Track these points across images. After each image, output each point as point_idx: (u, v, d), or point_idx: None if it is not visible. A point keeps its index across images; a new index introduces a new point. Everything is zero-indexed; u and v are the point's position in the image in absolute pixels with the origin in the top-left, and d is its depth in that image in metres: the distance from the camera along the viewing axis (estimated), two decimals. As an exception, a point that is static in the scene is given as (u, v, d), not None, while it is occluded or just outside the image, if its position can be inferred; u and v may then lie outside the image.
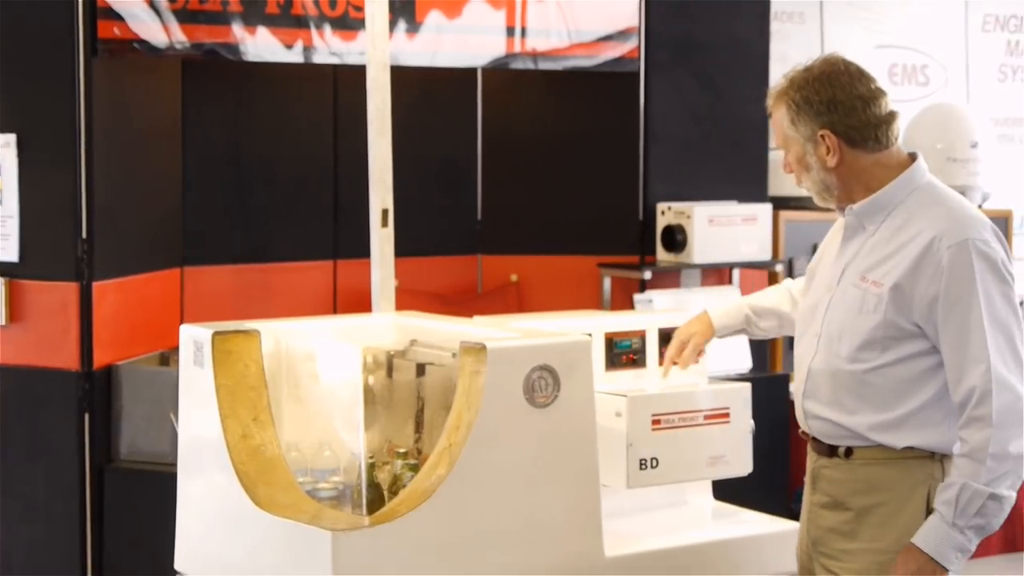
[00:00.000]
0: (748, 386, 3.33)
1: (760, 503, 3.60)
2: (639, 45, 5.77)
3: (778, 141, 3.15)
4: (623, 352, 3.48)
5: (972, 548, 2.91)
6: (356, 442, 3.09)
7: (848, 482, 3.04)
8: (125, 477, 4.92)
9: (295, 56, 5.20)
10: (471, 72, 6.01)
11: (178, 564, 3.40)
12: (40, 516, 4.93)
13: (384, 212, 3.78)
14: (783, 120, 3.07)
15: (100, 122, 4.85)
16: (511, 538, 2.99)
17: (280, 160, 5.70)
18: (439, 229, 6.04)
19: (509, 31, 5.55)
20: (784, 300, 3.45)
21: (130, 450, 4.96)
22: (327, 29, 5.21)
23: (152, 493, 4.72)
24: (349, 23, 5.22)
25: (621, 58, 5.74)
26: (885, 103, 3.05)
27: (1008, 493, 2.89)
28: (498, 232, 6.16)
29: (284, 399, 3.28)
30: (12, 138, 4.85)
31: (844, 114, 3.01)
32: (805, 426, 3.15)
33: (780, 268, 6.12)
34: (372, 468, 3.10)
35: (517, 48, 5.56)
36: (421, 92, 5.78)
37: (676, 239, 5.72)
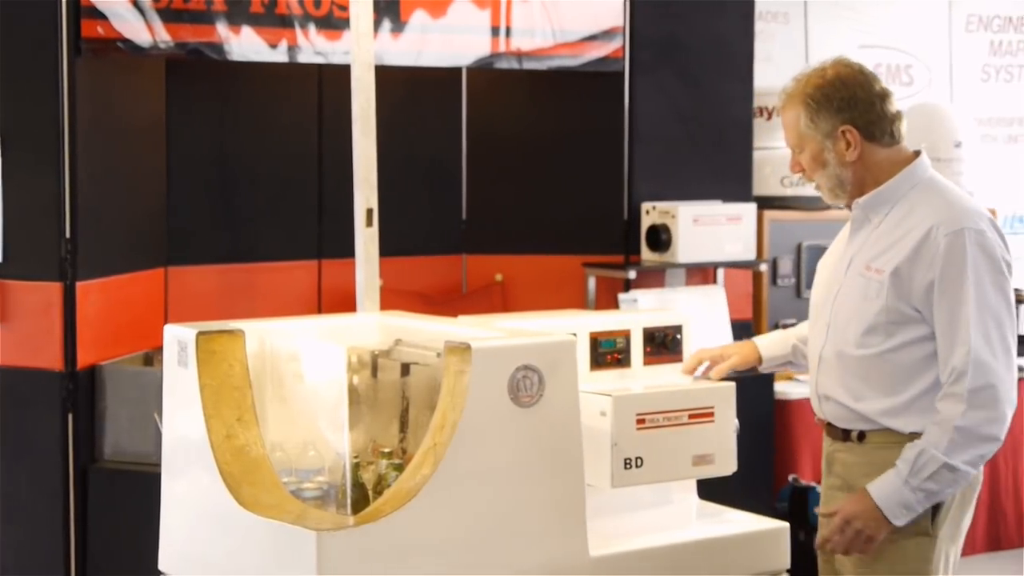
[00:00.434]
0: (733, 386, 3.34)
1: (745, 502, 3.62)
2: (624, 45, 5.77)
3: (790, 141, 3.25)
4: (608, 351, 3.48)
5: (919, 510, 3.05)
6: (341, 442, 3.09)
7: (860, 465, 3.16)
8: (109, 477, 4.90)
9: (280, 56, 5.19)
10: (456, 72, 6.01)
11: (162, 564, 3.39)
12: (24, 516, 4.92)
13: (369, 212, 3.76)
14: (798, 119, 3.18)
15: (84, 122, 4.83)
16: (496, 538, 2.99)
17: (265, 160, 5.69)
18: (424, 229, 6.04)
19: (494, 31, 5.54)
20: None
21: (114, 450, 4.95)
22: (312, 28, 5.20)
23: (136, 493, 4.71)
24: (334, 22, 5.21)
25: (606, 58, 5.74)
26: (894, 101, 3.20)
27: (964, 468, 3.00)
28: (483, 232, 6.15)
29: (269, 399, 3.28)
30: (-5, 138, 4.85)
31: (864, 110, 3.14)
32: (820, 412, 3.28)
33: (764, 268, 6.14)
34: (357, 468, 3.09)
35: (502, 48, 5.56)
36: (406, 92, 5.77)
37: (661, 238, 5.72)
